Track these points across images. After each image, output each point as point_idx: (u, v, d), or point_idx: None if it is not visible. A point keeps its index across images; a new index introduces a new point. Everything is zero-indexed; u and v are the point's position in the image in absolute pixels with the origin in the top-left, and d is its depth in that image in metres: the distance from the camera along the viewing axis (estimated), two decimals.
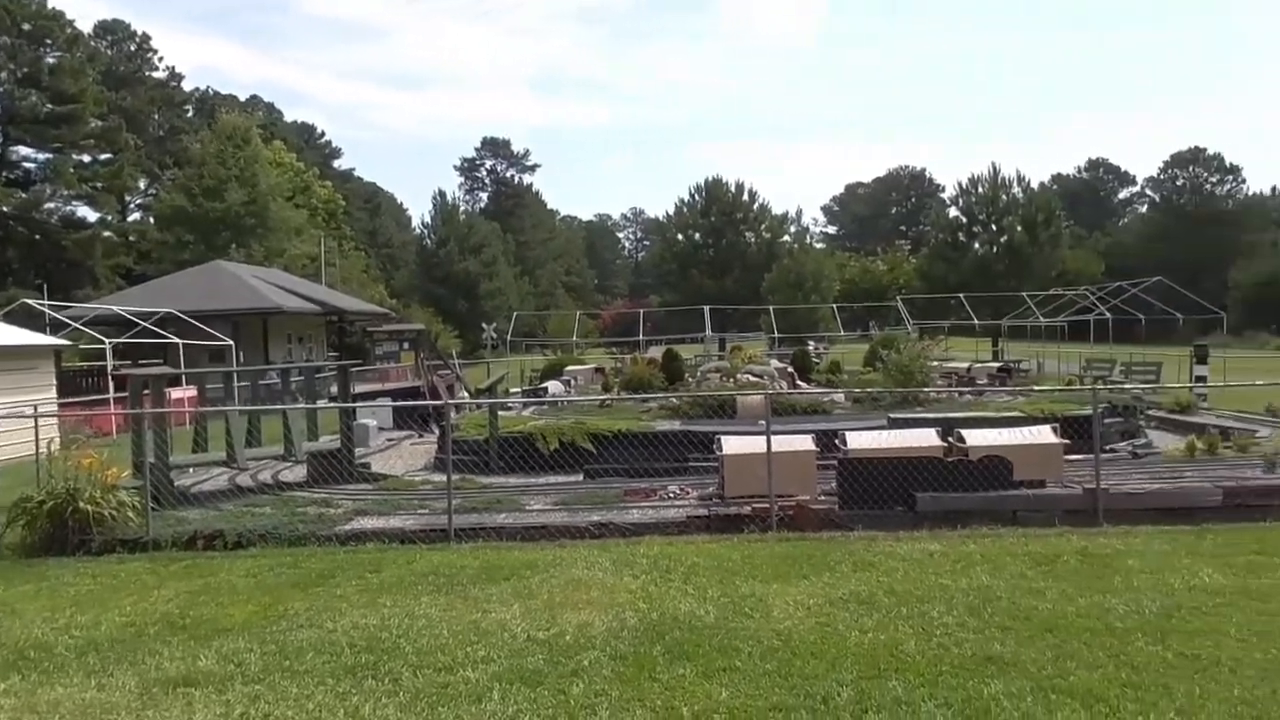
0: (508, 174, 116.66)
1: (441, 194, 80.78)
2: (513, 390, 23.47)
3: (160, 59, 73.12)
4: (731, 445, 10.56)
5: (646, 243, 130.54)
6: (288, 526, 9.74)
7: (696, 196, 76.98)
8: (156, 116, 72.09)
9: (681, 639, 6.07)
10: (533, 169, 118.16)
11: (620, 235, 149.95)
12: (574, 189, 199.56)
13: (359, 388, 22.86)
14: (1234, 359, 31.30)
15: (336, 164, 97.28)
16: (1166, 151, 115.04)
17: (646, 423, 14.59)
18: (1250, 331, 67.49)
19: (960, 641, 5.88)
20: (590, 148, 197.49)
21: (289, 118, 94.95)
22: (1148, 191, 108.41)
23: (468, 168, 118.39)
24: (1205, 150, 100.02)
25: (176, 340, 26.67)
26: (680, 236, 77.36)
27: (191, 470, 12.55)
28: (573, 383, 22.36)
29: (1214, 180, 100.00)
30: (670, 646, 5.94)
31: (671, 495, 10.83)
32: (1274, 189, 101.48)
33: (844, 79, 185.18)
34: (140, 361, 26.35)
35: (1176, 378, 22.84)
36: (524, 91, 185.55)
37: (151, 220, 60.80)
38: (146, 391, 11.72)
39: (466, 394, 20.83)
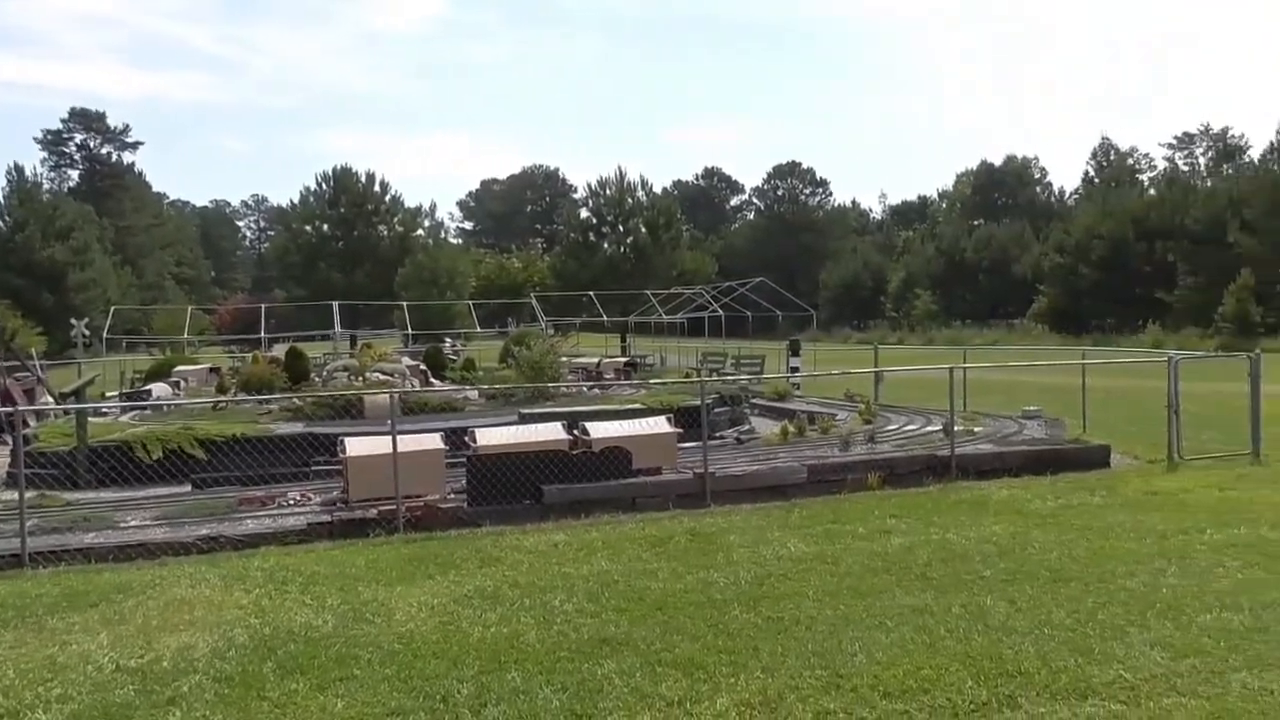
0: (103, 151, 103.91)
1: (19, 170, 70.23)
2: (110, 394, 21.08)
3: None
4: (356, 446, 10.21)
5: (270, 233, 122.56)
6: None
7: (324, 185, 73.50)
8: None
9: (296, 652, 5.75)
10: (134, 147, 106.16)
11: (241, 224, 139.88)
12: (186, 171, 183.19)
13: None
14: (823, 351, 35.54)
15: None
16: (770, 163, 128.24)
17: (266, 426, 13.72)
18: (836, 327, 77.27)
19: (579, 627, 6.09)
20: (204, 127, 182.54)
21: None
22: (754, 200, 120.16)
23: (52, 141, 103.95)
24: (801, 164, 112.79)
25: None
26: (307, 228, 73.39)
27: None
28: (183, 384, 20.51)
29: (807, 191, 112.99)
30: (283, 661, 5.60)
31: (292, 502, 10.25)
32: (853, 201, 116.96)
33: (474, 74, 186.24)
34: None
35: (777, 369, 25.34)
36: (122, 59, 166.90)
37: None
38: None
39: (51, 399, 18.33)
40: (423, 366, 21.14)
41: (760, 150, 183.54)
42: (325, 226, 72.62)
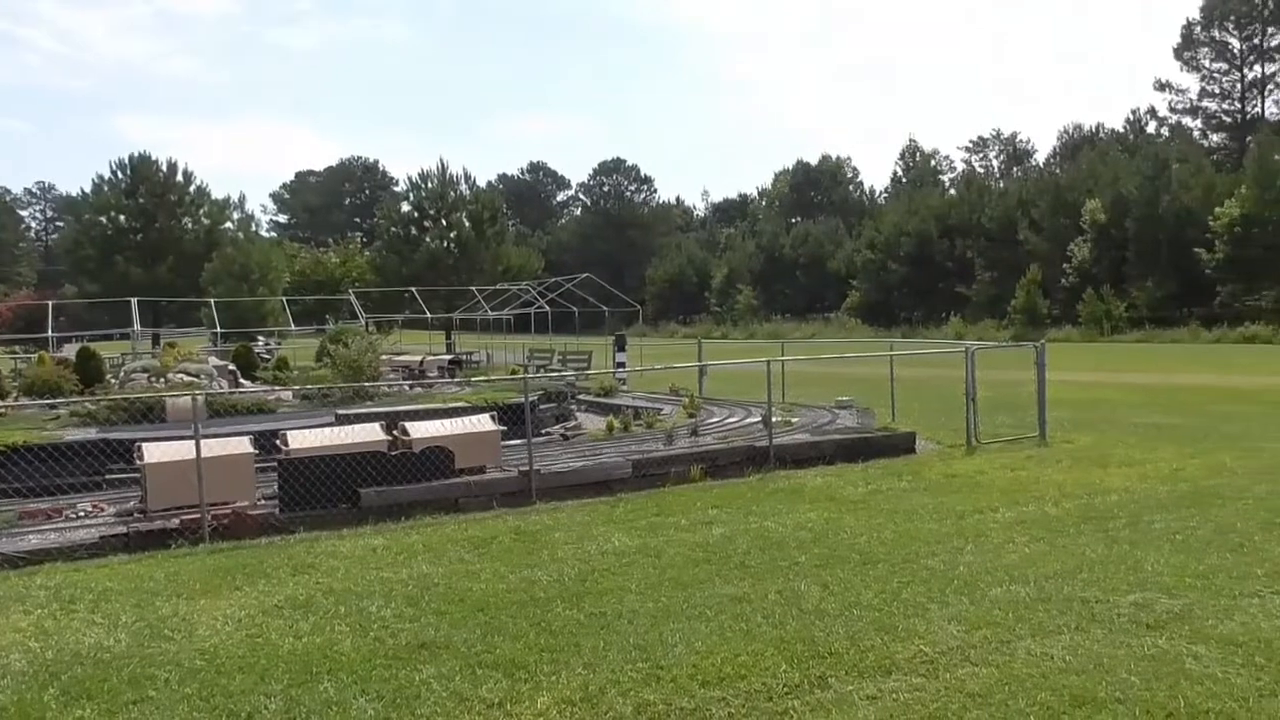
0: None
1: None
2: None
3: None
4: (155, 452, 9.55)
5: (59, 224, 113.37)
6: None
7: (120, 174, 68.52)
8: None
9: (83, 676, 5.31)
10: None
11: (24, 214, 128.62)
12: None
13: None
14: (649, 346, 36.08)
15: None
16: (595, 160, 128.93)
17: (53, 432, 12.68)
18: (662, 322, 78.63)
19: (396, 632, 5.91)
20: None
21: None
22: (581, 196, 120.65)
23: None
24: (625, 161, 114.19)
25: None
26: (102, 219, 68.18)
27: None
28: None
29: (633, 188, 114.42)
30: (68, 687, 5.16)
31: (82, 514, 9.49)
32: (677, 199, 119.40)
33: (284, 60, 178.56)
34: None
35: (604, 365, 25.45)
36: None
37: None
38: None
39: None
40: (232, 366, 20.10)
41: (585, 147, 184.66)
42: (122, 218, 67.71)
